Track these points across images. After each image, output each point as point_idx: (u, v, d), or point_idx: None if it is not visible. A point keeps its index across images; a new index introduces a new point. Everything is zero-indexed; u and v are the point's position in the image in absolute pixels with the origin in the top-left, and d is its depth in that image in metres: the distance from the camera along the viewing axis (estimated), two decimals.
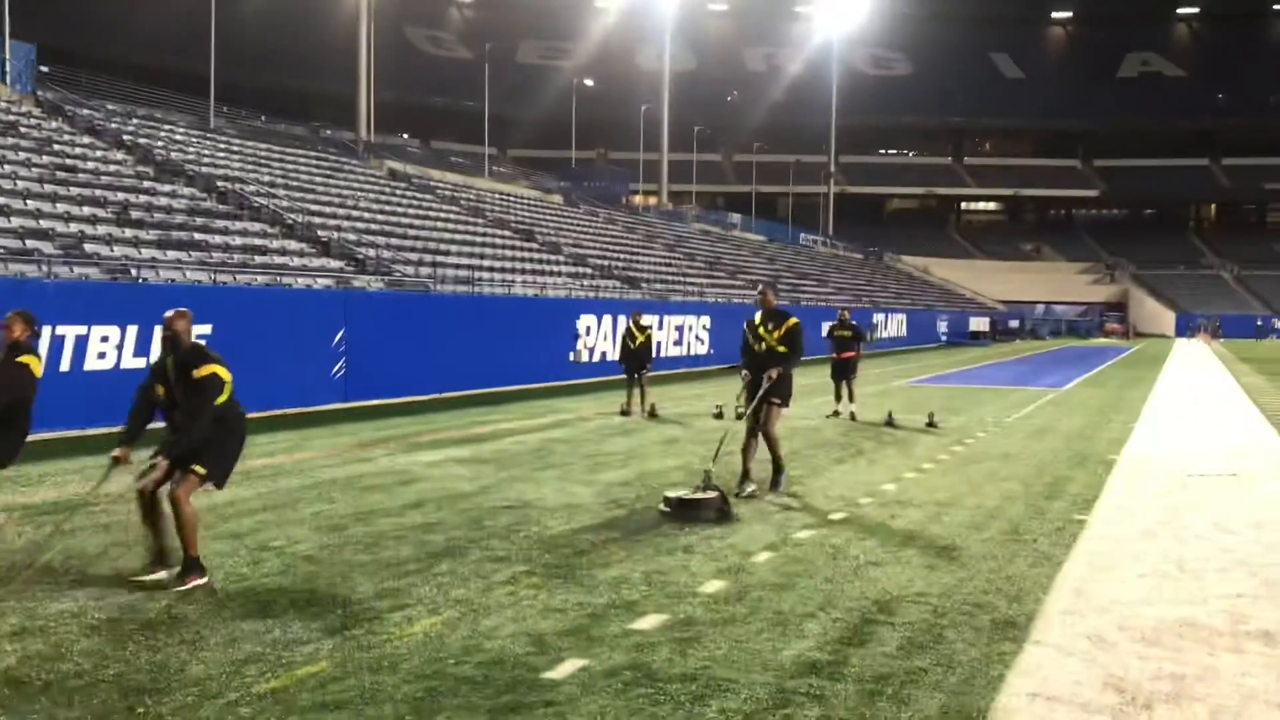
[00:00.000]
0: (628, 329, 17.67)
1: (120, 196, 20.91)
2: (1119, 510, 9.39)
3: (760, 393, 9.70)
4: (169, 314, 6.56)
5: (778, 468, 10.09)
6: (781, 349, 9.83)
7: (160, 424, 6.70)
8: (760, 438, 9.88)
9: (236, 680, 4.86)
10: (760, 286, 10.58)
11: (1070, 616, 6.08)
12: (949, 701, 4.76)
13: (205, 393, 6.39)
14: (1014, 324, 71.61)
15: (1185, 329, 74.42)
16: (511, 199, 42.28)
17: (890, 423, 15.94)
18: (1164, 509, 9.43)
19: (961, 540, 8.03)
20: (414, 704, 4.62)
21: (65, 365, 13.36)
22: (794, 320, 9.95)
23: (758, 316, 10.08)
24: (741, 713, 4.59)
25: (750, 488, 9.73)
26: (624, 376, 17.65)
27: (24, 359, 7.09)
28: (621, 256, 38.87)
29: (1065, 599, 6.44)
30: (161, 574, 6.43)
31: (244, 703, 4.60)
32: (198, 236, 20.35)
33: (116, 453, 6.38)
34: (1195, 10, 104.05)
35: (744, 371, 10.11)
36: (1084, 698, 4.81)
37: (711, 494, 8.78)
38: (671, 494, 9.02)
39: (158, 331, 14.10)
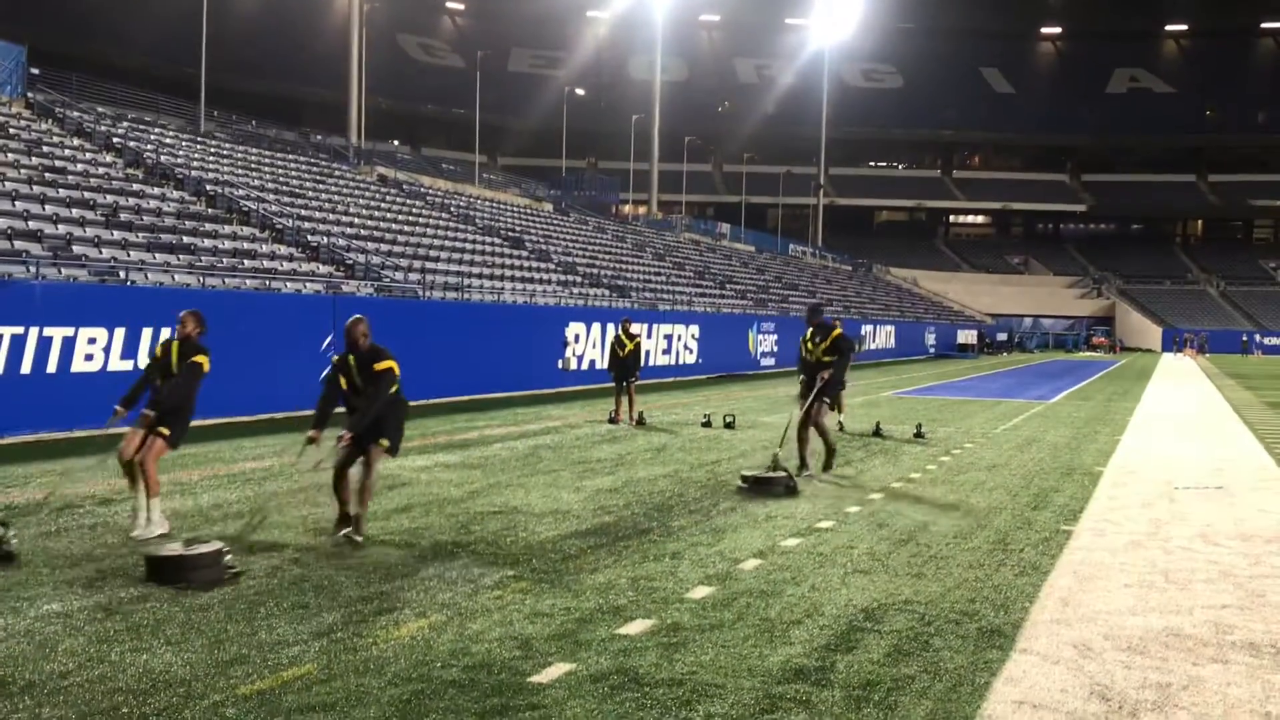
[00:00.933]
0: (617, 337, 17.67)
1: (109, 199, 20.84)
2: (1105, 521, 9.42)
3: (813, 394, 11.41)
4: (351, 321, 7.86)
5: (830, 451, 11.84)
6: (827, 359, 11.50)
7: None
8: (813, 430, 11.57)
9: (222, 681, 4.84)
10: (807, 310, 12.25)
11: (1056, 625, 6.10)
12: (935, 708, 4.76)
13: (383, 383, 7.85)
14: (1002, 336, 71.81)
15: (1171, 343, 74.71)
16: (501, 206, 42.28)
17: (878, 433, 15.98)
18: (1150, 520, 9.46)
19: (948, 549, 8.05)
20: (400, 707, 4.61)
21: (52, 367, 13.29)
22: (837, 331, 11.69)
23: (809, 332, 11.75)
24: (728, 718, 4.59)
25: (807, 473, 11.33)
26: (613, 384, 17.67)
27: (198, 358, 7.99)
28: (611, 265, 38.89)
29: (1052, 608, 6.46)
30: (347, 530, 7.71)
31: (229, 704, 4.58)
32: (186, 240, 20.29)
33: (311, 434, 7.65)
34: (1184, 27, 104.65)
35: (801, 376, 11.86)
36: (1070, 706, 4.83)
37: (780, 473, 10.33)
38: (748, 472, 10.67)
39: (146, 334, 14.25)
